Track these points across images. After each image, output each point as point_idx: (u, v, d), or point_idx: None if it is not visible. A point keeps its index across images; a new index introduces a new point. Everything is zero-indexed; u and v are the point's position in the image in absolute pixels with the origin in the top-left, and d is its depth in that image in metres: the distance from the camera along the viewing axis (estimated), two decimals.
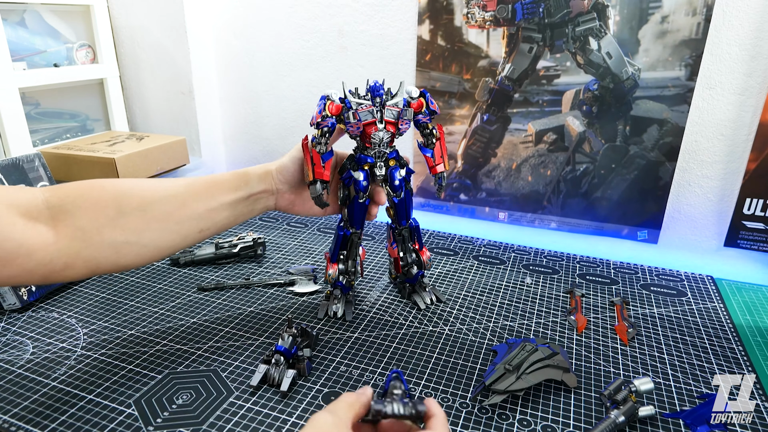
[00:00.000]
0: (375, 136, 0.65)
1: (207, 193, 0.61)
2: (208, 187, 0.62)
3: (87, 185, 0.56)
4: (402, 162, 0.69)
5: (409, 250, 0.74)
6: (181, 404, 0.56)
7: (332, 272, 0.72)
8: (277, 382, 0.59)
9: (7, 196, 0.50)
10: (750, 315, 0.77)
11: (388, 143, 0.66)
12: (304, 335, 0.65)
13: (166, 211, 0.58)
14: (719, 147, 0.89)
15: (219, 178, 0.64)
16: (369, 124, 0.65)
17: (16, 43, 0.97)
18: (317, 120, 0.65)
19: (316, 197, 0.65)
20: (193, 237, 0.60)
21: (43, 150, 0.96)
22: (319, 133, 0.65)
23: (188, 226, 0.59)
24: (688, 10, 0.83)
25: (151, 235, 0.56)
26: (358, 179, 0.66)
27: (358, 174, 0.67)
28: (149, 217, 0.56)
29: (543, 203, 1.02)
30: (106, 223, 0.53)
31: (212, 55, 1.18)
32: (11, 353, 0.64)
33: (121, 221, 0.54)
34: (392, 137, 0.66)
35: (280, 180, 0.67)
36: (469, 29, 0.96)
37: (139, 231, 0.55)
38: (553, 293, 0.82)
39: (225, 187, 0.63)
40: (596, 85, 0.92)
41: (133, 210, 0.55)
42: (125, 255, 0.55)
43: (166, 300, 0.77)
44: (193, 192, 0.60)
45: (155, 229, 0.57)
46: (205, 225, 0.61)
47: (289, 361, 0.61)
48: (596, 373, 0.63)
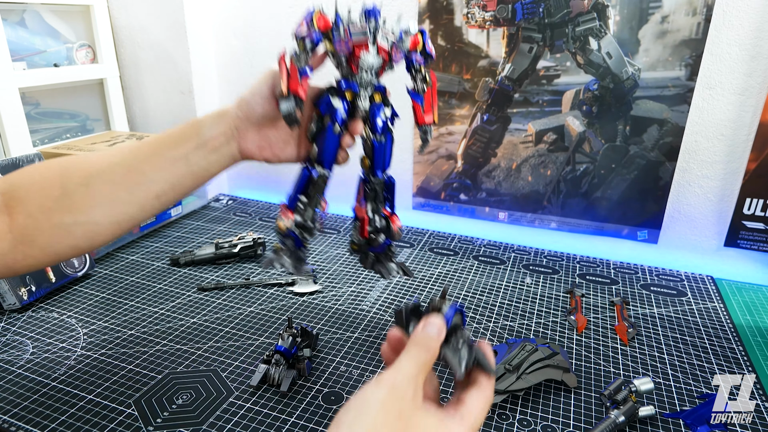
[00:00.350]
0: (364, 58, 0.56)
1: (154, 151, 0.53)
2: (154, 146, 0.53)
3: (34, 168, 0.52)
4: (388, 101, 0.60)
5: (380, 213, 0.62)
6: (181, 404, 0.56)
7: (287, 222, 0.58)
8: (277, 382, 0.59)
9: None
10: (750, 315, 0.77)
11: (377, 73, 0.57)
12: (304, 335, 0.65)
13: (111, 181, 0.51)
14: (719, 147, 0.89)
15: (169, 132, 0.55)
16: (358, 46, 0.56)
17: (16, 43, 0.97)
18: (302, 33, 0.55)
19: (287, 114, 0.53)
20: (152, 204, 0.53)
21: (43, 150, 0.96)
22: (300, 47, 0.55)
23: (141, 193, 0.52)
24: (688, 10, 0.83)
25: (102, 211, 0.50)
26: (336, 107, 0.56)
27: (338, 102, 0.56)
28: (94, 191, 0.50)
29: (543, 203, 1.02)
30: (53, 205, 0.49)
31: (212, 55, 1.18)
32: (11, 353, 0.64)
33: (67, 201, 0.49)
34: (382, 67, 0.57)
35: (241, 118, 0.55)
36: (469, 29, 0.96)
37: (87, 208, 0.50)
38: (553, 293, 0.82)
39: (175, 139, 0.54)
40: (596, 85, 0.92)
41: (77, 186, 0.50)
42: (80, 236, 0.50)
43: (166, 300, 0.77)
44: (139, 154, 0.53)
45: (105, 204, 0.50)
46: (161, 188, 0.53)
47: (289, 361, 0.61)
48: (596, 373, 0.63)
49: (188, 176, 0.54)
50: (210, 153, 0.54)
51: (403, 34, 0.58)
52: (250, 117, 0.55)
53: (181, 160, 0.53)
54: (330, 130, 0.57)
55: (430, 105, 0.61)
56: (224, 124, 0.55)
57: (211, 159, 0.54)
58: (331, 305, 0.77)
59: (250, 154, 0.57)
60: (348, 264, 0.90)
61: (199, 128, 0.54)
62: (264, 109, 0.55)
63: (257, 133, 0.56)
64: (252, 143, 0.56)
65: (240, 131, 0.55)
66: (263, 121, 0.56)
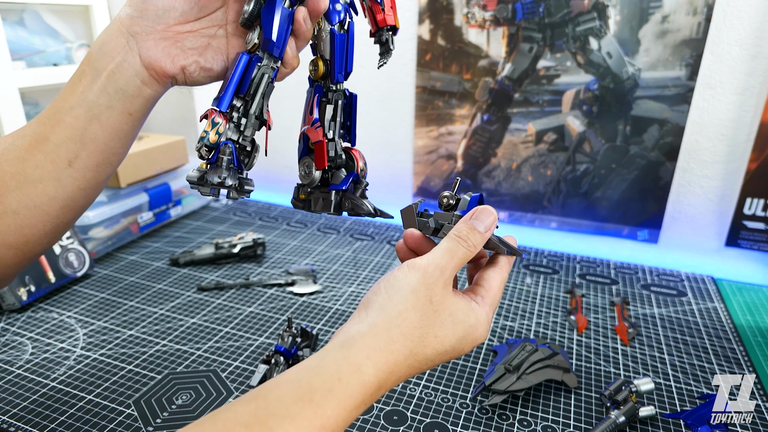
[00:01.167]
0: None
1: (51, 109, 0.42)
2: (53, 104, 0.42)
3: None
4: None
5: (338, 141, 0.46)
6: (180, 404, 0.56)
7: (218, 127, 0.41)
8: None
9: None
10: (750, 315, 0.77)
11: None
12: (304, 335, 0.64)
13: (16, 159, 0.41)
14: (720, 147, 0.89)
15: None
16: None
17: (15, 42, 0.97)
18: None
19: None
20: (70, 175, 0.42)
21: None
22: None
23: (50, 164, 0.41)
24: (688, 10, 0.83)
25: (15, 197, 0.41)
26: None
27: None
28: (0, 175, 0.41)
29: (543, 203, 1.02)
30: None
31: None
32: (11, 353, 0.64)
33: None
34: None
35: (134, 17, 0.40)
36: (469, 29, 0.96)
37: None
38: (553, 293, 0.82)
39: (68, 87, 0.42)
40: (596, 85, 0.92)
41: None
42: (5, 232, 0.42)
43: (166, 300, 0.77)
44: (39, 119, 0.42)
45: (14, 187, 0.41)
46: (70, 150, 0.41)
47: (288, 361, 0.61)
48: (596, 373, 0.63)
49: (94, 124, 0.41)
50: (108, 82, 0.40)
51: None
52: (148, 11, 0.40)
53: (79, 106, 0.41)
54: (279, 4, 0.41)
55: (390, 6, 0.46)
56: (116, 35, 0.40)
57: (111, 90, 0.40)
58: (331, 305, 0.77)
59: (160, 68, 0.41)
60: (348, 264, 0.90)
61: (90, 58, 0.41)
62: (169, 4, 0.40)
63: (164, 35, 0.41)
64: (160, 50, 0.40)
65: (138, 37, 0.40)
66: (168, 13, 0.40)
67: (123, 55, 0.40)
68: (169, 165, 1.03)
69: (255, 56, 0.42)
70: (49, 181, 0.41)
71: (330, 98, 0.46)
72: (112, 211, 0.90)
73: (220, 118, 0.41)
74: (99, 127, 0.41)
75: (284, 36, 0.42)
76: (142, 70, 0.40)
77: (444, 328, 0.36)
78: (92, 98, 0.40)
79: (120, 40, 0.40)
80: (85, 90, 0.40)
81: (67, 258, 0.80)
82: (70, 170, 0.42)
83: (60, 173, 0.41)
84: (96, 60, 0.40)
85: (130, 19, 0.40)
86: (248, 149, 0.43)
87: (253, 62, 0.42)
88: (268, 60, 0.42)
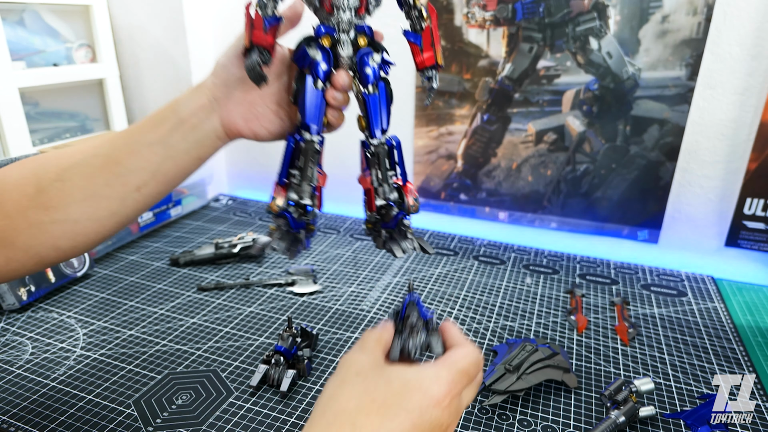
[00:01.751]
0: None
1: (130, 138, 0.48)
2: (131, 132, 0.49)
3: (9, 167, 0.48)
4: (378, 46, 0.51)
5: (389, 182, 0.52)
6: (180, 404, 0.56)
7: (278, 200, 0.49)
8: (277, 383, 0.59)
9: None
10: (750, 315, 0.77)
11: (356, 10, 0.48)
12: (304, 335, 0.64)
13: (87, 174, 0.47)
14: (720, 147, 0.89)
15: (145, 118, 0.50)
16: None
17: (15, 42, 0.97)
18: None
19: (250, 69, 0.45)
20: (134, 198, 0.48)
21: (43, 150, 0.96)
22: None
23: (119, 185, 0.47)
24: (688, 10, 0.83)
25: (80, 208, 0.46)
26: (315, 59, 0.48)
27: (315, 52, 0.48)
28: (70, 186, 0.46)
29: (543, 203, 1.02)
30: (29, 203, 0.46)
31: (212, 55, 1.18)
32: (11, 353, 0.64)
33: (43, 198, 0.46)
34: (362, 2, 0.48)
35: (219, 85, 0.48)
36: (469, 29, 0.96)
37: (64, 205, 0.46)
38: (553, 293, 0.82)
39: (150, 123, 0.49)
40: (596, 85, 0.92)
41: (52, 182, 0.46)
42: (60, 236, 0.47)
43: (166, 300, 0.77)
44: (115, 143, 0.48)
45: (82, 199, 0.46)
46: (140, 179, 0.48)
47: (288, 361, 0.61)
48: (596, 373, 0.63)
49: (169, 162, 0.48)
50: (189, 132, 0.48)
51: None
52: (229, 82, 0.48)
53: (158, 144, 0.48)
54: (309, 86, 0.48)
55: (430, 44, 0.51)
56: (202, 96, 0.49)
57: (191, 139, 0.48)
58: (331, 305, 0.77)
59: (235, 128, 0.50)
60: (348, 264, 0.90)
61: (175, 106, 0.49)
62: (243, 71, 0.47)
63: (240, 102, 0.49)
64: (236, 114, 0.49)
65: (220, 101, 0.49)
66: (244, 86, 0.49)
67: (206, 113, 0.48)
68: None
69: (299, 135, 0.49)
70: (115, 200, 0.47)
71: (372, 151, 0.51)
72: None
73: (279, 191, 0.50)
74: (173, 165, 0.49)
75: (318, 114, 0.49)
76: (220, 129, 0.49)
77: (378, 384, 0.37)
78: (173, 142, 0.48)
79: (205, 101, 0.48)
80: (166, 135, 0.48)
81: None
82: (136, 194, 0.48)
83: (126, 195, 0.48)
84: (181, 111, 0.48)
85: (214, 86, 0.48)
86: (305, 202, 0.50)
87: (299, 140, 0.49)
88: (308, 134, 0.49)
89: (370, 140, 0.51)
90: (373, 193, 0.52)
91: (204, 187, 1.16)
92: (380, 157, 0.51)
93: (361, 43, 0.49)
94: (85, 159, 0.47)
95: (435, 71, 0.51)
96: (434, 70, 0.51)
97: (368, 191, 0.52)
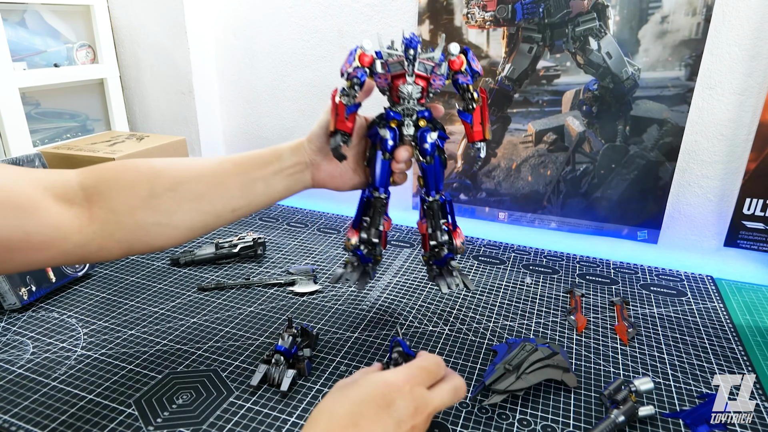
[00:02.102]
0: (403, 89, 0.60)
1: (239, 169, 0.59)
2: (240, 164, 0.59)
3: (120, 166, 0.55)
4: (436, 125, 0.63)
5: (440, 228, 0.66)
6: (181, 404, 0.56)
7: (353, 240, 0.66)
8: (277, 382, 0.59)
9: (43, 180, 0.50)
10: (750, 315, 0.77)
11: (418, 99, 0.61)
12: (305, 335, 0.65)
13: (198, 191, 0.56)
14: (719, 147, 0.89)
15: (251, 154, 0.61)
16: (398, 77, 0.60)
17: (16, 43, 0.97)
18: (347, 70, 0.60)
19: (334, 149, 0.60)
20: (226, 217, 0.58)
21: (43, 150, 0.96)
22: (348, 84, 0.60)
23: (221, 205, 0.57)
24: (687, 10, 0.83)
25: (183, 216, 0.55)
26: (385, 137, 0.62)
27: (385, 132, 0.62)
28: (180, 197, 0.54)
29: (543, 203, 1.02)
30: (139, 204, 0.53)
31: (212, 55, 1.18)
32: (11, 353, 0.64)
33: (153, 202, 0.53)
34: (423, 93, 0.61)
35: (313, 150, 0.61)
36: (469, 29, 0.96)
37: (170, 212, 0.54)
38: (553, 293, 0.82)
39: (257, 162, 0.60)
40: (596, 85, 0.92)
41: (165, 191, 0.54)
42: (157, 236, 0.54)
43: (166, 300, 0.77)
44: (225, 170, 0.58)
45: (187, 210, 0.55)
46: (239, 204, 0.58)
47: (289, 361, 0.61)
48: (596, 373, 0.63)
49: (264, 196, 0.60)
50: (286, 178, 0.61)
51: (444, 57, 0.61)
52: (321, 150, 0.61)
53: (261, 181, 0.59)
54: (379, 157, 0.63)
55: (479, 122, 0.62)
56: (301, 155, 0.61)
57: (286, 183, 0.61)
58: (331, 305, 0.77)
59: (322, 182, 0.64)
60: None
61: (279, 155, 0.61)
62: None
63: (329, 164, 0.63)
64: (325, 173, 0.63)
65: (314, 163, 0.62)
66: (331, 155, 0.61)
67: (303, 168, 0.62)
68: None
69: (370, 193, 0.64)
70: (212, 215, 0.57)
71: (428, 205, 0.66)
72: None
73: (354, 232, 0.66)
74: (266, 198, 0.61)
75: (385, 178, 0.64)
76: (309, 181, 0.63)
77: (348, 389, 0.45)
78: (273, 182, 0.60)
79: (304, 159, 0.61)
80: (269, 175, 0.60)
81: None
82: (230, 214, 0.58)
83: (223, 213, 0.58)
84: (285, 161, 0.61)
85: (311, 151, 0.61)
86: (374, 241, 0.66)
87: (369, 196, 0.65)
88: (377, 192, 0.64)
89: (426, 197, 0.66)
90: (427, 237, 0.67)
91: None
92: (434, 210, 0.66)
93: (422, 124, 0.62)
94: (198, 177, 0.56)
95: (483, 143, 0.63)
96: (482, 142, 0.63)
97: (424, 236, 0.68)
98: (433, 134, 0.63)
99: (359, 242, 0.67)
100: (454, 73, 0.61)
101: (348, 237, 0.67)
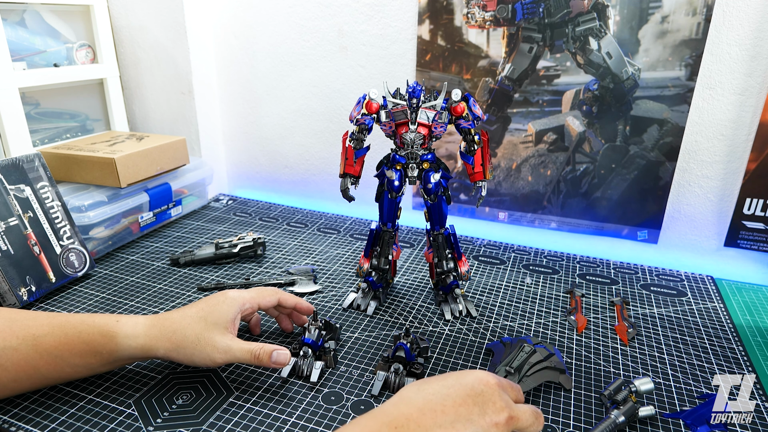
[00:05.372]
0: (406, 136, 0.65)
1: (56, 353, 0.54)
2: (58, 347, 0.54)
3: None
4: (439, 166, 0.69)
5: (446, 258, 0.74)
6: (181, 404, 0.56)
7: (364, 266, 0.74)
8: (306, 374, 0.60)
9: None
10: (750, 315, 0.77)
11: (420, 145, 0.65)
12: (328, 328, 0.66)
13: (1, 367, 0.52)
14: (719, 147, 0.89)
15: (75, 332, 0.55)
16: (401, 125, 0.65)
17: (16, 43, 0.97)
18: (355, 116, 0.66)
19: (342, 191, 0.67)
20: (43, 385, 0.56)
21: (43, 150, 0.96)
22: (356, 129, 0.66)
23: (31, 382, 0.55)
24: (688, 10, 0.83)
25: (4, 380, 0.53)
26: (391, 178, 0.68)
27: (391, 173, 0.68)
28: None
29: (543, 203, 1.02)
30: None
31: (212, 55, 1.18)
32: None
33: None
34: (425, 139, 0.65)
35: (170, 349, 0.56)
36: (469, 29, 0.96)
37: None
38: (553, 293, 0.82)
39: (80, 350, 0.55)
40: (596, 85, 0.92)
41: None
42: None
43: (166, 300, 0.77)
44: (39, 347, 0.53)
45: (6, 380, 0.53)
46: (56, 381, 0.56)
47: (316, 353, 0.62)
48: (596, 373, 0.63)
49: (88, 374, 0.58)
50: (117, 363, 0.58)
51: (447, 104, 0.66)
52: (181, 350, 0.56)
53: (83, 367, 0.56)
54: (386, 196, 0.70)
55: (480, 164, 0.68)
56: (145, 354, 0.57)
57: (115, 366, 0.59)
58: (331, 305, 0.77)
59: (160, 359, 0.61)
60: (348, 264, 0.90)
61: (114, 347, 0.55)
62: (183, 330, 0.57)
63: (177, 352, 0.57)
64: (168, 357, 0.58)
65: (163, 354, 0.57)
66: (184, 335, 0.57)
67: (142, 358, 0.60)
68: (170, 165, 1.03)
69: (378, 227, 0.73)
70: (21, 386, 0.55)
71: (433, 238, 0.74)
72: (112, 210, 0.90)
73: (364, 261, 0.75)
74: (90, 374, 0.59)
75: (392, 215, 0.72)
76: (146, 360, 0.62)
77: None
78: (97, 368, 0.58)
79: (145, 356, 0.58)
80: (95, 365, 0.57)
81: (68, 258, 0.80)
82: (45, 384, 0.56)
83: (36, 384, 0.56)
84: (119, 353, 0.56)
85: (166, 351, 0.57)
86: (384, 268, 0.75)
87: (378, 230, 0.74)
88: (384, 226, 0.72)
89: (432, 231, 0.73)
90: (434, 266, 0.75)
91: (204, 187, 1.16)
92: (439, 242, 0.73)
93: (425, 166, 0.67)
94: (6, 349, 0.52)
95: (483, 182, 0.69)
96: (483, 182, 0.69)
97: (431, 265, 0.76)
98: (436, 175, 0.68)
99: (370, 269, 0.74)
100: (456, 118, 0.66)
101: (360, 264, 0.74)
